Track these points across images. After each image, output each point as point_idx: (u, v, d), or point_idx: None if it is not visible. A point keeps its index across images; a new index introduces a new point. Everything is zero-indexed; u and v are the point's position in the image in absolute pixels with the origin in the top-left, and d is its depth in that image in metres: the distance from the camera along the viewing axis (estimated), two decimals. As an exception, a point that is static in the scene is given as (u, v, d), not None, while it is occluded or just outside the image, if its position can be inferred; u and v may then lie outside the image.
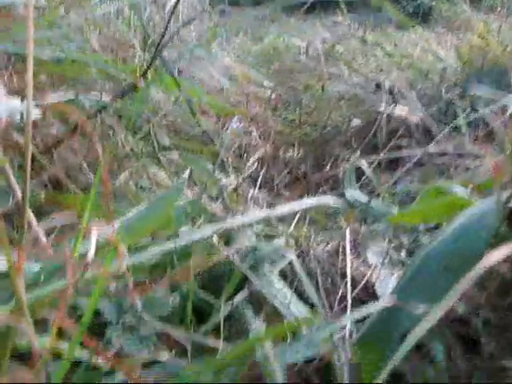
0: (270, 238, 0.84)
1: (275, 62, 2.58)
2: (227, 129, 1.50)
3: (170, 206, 0.72)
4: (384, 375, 0.62)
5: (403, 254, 0.91)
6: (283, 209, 0.82)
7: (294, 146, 1.43)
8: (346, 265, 0.88)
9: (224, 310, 0.75)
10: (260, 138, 1.55)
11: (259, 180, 1.09)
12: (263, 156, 1.25)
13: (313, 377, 0.75)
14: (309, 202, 0.87)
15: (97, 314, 0.68)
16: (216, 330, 0.76)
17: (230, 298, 0.78)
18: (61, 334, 0.61)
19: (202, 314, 0.77)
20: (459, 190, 0.77)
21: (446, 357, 0.68)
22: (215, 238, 0.70)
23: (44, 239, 0.64)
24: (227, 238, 0.80)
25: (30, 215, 0.64)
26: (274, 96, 1.98)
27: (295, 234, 0.89)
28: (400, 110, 1.31)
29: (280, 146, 1.49)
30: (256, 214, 0.76)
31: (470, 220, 0.71)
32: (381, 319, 0.67)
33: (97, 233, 0.55)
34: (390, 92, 1.33)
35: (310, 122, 1.72)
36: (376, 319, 0.68)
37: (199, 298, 0.77)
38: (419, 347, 0.76)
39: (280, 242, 0.80)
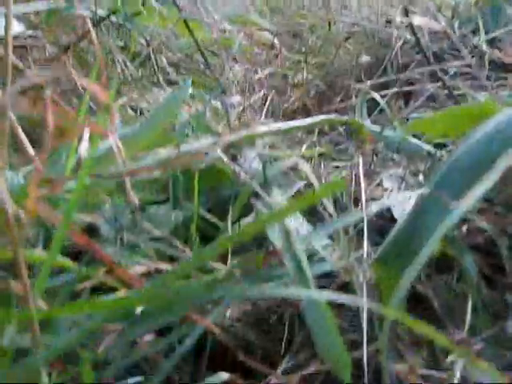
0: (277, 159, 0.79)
1: (277, 14, 2.51)
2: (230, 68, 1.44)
3: (171, 117, 0.66)
4: (404, 289, 0.57)
5: (421, 177, 0.86)
6: (292, 123, 0.76)
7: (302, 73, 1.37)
8: (359, 190, 0.82)
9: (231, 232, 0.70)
10: (266, 78, 1.49)
11: (265, 107, 1.03)
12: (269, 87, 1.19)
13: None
14: (320, 118, 0.81)
15: (92, 230, 0.63)
16: (222, 256, 0.71)
17: (238, 220, 0.73)
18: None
19: (207, 238, 0.72)
20: (486, 98, 0.70)
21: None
22: (219, 151, 0.65)
23: (31, 150, 0.58)
24: (233, 156, 0.74)
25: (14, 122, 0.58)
26: (277, 41, 1.92)
27: (305, 157, 0.83)
28: (418, 21, 1.23)
29: (285, 85, 1.43)
30: (262, 128, 0.70)
31: (497, 127, 0.65)
32: (404, 230, 0.61)
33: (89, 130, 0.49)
34: (405, 12, 1.25)
35: (316, 63, 1.66)
36: (399, 231, 0.62)
37: (204, 219, 0.71)
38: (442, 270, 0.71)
39: (292, 161, 0.74)
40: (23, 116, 0.71)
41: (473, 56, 1.14)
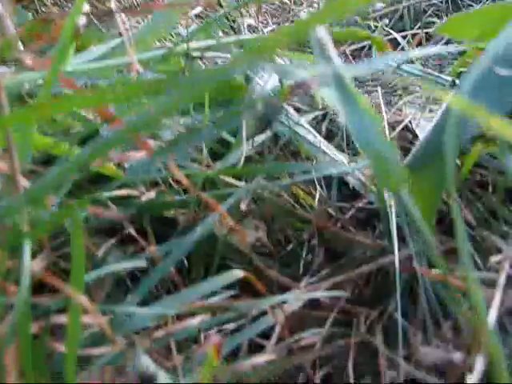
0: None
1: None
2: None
3: (175, 19, 0.60)
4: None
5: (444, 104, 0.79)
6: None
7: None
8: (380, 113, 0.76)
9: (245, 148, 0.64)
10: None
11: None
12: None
13: (348, 226, 0.65)
14: (340, 30, 0.75)
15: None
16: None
17: (252, 137, 0.67)
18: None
19: (216, 154, 0.66)
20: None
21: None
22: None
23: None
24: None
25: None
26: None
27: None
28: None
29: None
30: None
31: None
32: (433, 137, 0.55)
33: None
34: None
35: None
36: (428, 138, 0.57)
37: (213, 136, 0.65)
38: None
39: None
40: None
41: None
